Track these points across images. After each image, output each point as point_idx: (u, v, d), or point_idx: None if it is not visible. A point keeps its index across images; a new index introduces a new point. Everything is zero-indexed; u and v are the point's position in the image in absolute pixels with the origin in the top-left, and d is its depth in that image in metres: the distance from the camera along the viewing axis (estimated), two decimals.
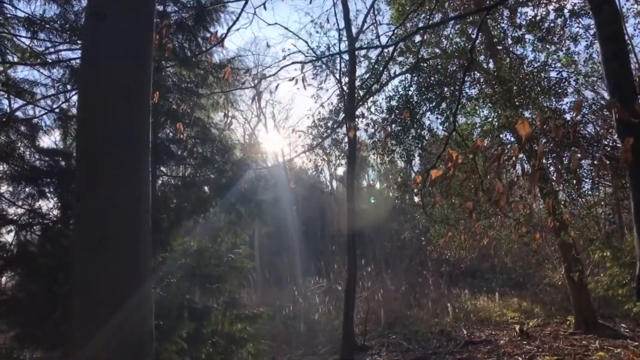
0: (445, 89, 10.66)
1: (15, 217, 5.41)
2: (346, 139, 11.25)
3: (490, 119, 10.65)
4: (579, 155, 8.55)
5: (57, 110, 5.81)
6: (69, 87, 6.03)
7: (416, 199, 14.79)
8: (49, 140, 6.99)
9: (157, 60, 6.23)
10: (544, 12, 9.90)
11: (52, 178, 5.68)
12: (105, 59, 1.94)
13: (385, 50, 9.04)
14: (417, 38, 11.11)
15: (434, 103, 10.63)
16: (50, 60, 5.89)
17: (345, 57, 10.54)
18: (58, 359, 5.37)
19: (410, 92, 10.87)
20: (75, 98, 5.99)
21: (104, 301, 1.79)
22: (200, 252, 6.83)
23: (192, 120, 6.42)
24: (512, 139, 11.21)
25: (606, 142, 9.98)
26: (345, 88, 8.45)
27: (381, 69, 8.86)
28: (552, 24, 9.88)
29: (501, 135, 10.52)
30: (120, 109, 1.92)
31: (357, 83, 11.24)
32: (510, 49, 11.18)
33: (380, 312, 12.32)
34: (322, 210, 29.34)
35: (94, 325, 1.77)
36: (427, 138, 10.60)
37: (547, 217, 8.18)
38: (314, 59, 8.70)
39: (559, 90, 10.03)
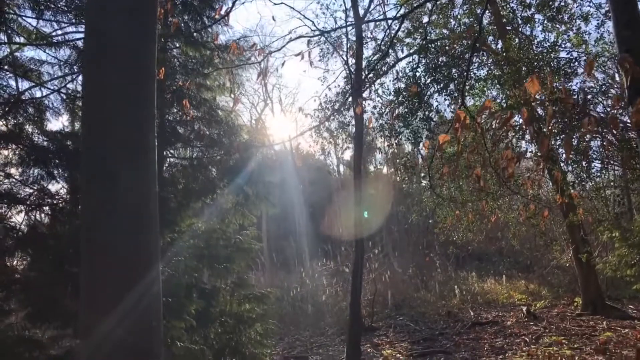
0: (454, 70, 10.54)
1: (25, 197, 5.44)
2: (353, 122, 11.19)
3: (499, 100, 10.54)
4: (589, 127, 8.43)
5: (63, 91, 5.80)
6: (75, 68, 6.02)
7: (424, 183, 14.79)
8: (58, 122, 7.01)
9: (163, 39, 6.20)
10: None
11: (61, 160, 5.70)
12: (109, 30, 1.91)
13: (393, 27, 8.93)
14: (425, 19, 10.98)
15: (441, 84, 10.53)
16: (56, 41, 5.88)
17: (352, 37, 10.41)
18: (69, 338, 5.46)
19: (417, 74, 10.77)
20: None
21: (112, 286, 1.77)
22: (208, 234, 6.86)
23: (199, 101, 6.40)
24: (521, 120, 11.13)
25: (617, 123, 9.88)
26: (352, 68, 8.39)
27: (388, 44, 8.76)
28: (562, 3, 9.71)
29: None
30: (125, 84, 1.89)
31: (364, 64, 11.16)
32: (520, 29, 11.02)
33: (387, 294, 12.39)
34: (329, 194, 29.36)
35: (103, 306, 1.76)
36: (435, 120, 10.52)
37: (556, 194, 8.12)
38: (321, 33, 8.62)
39: (569, 71, 9.89)
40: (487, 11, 10.11)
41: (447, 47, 10.79)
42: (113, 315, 1.72)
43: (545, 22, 10.14)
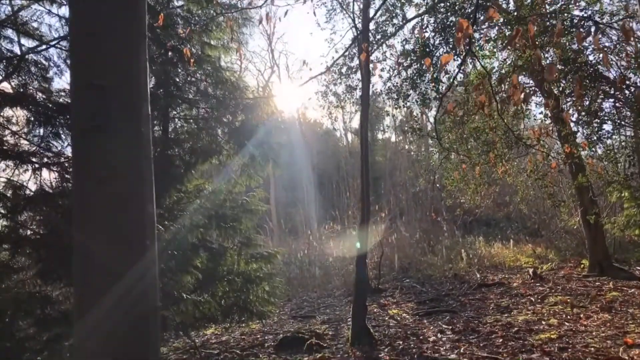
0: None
1: (32, 153, 5.48)
2: (360, 85, 11.01)
3: (509, 62, 10.30)
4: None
5: (65, 46, 5.75)
6: None
7: (432, 148, 14.67)
8: (61, 81, 6.99)
9: None
10: None
11: (66, 119, 5.70)
12: None
13: None
14: None
15: (451, 45, 10.29)
16: None
17: None
18: None
19: (426, 34, 10.52)
20: None
21: (103, 264, 1.63)
22: (214, 194, 6.90)
23: (202, 57, 6.32)
24: (531, 81, 10.92)
25: (629, 83, 9.67)
26: (358, 26, 8.20)
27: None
28: None
29: (519, 78, 10.22)
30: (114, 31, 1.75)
31: (372, 26, 10.92)
32: None
33: (394, 258, 12.49)
34: (337, 162, 29.34)
35: (94, 285, 1.63)
36: (443, 81, 10.33)
37: (564, 144, 8.01)
38: None
39: (582, 30, 9.60)
40: None
41: (456, 7, 10.50)
42: (105, 298, 1.60)
43: None
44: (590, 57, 9.45)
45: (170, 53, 6.61)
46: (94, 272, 1.56)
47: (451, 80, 9.70)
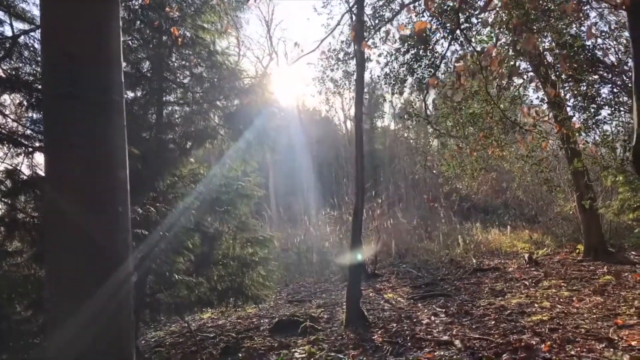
0: (460, 15, 10.20)
1: (25, 139, 5.48)
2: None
3: (506, 47, 10.24)
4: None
5: None
6: None
7: (430, 131, 14.62)
8: None
9: None
10: None
11: None
12: None
13: None
14: None
15: (448, 30, 10.23)
16: None
17: None
18: None
19: (423, 19, 10.45)
20: None
21: (74, 270, 1.59)
22: (209, 179, 6.90)
23: (194, 40, 6.29)
24: (529, 66, 10.87)
25: (626, 68, 9.63)
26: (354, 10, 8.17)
27: None
28: None
29: (517, 64, 10.18)
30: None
31: (369, 11, 10.86)
32: None
33: (391, 244, 12.53)
34: (336, 151, 29.33)
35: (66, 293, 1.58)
36: (440, 67, 10.29)
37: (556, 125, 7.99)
38: None
39: (580, 15, 9.54)
40: None
41: None
42: (85, 311, 1.56)
43: None
44: (588, 42, 9.41)
45: (165, 37, 6.59)
46: (67, 239, 1.56)
47: (440, 58, 9.68)
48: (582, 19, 9.37)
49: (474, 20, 10.23)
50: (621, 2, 1.79)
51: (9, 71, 5.68)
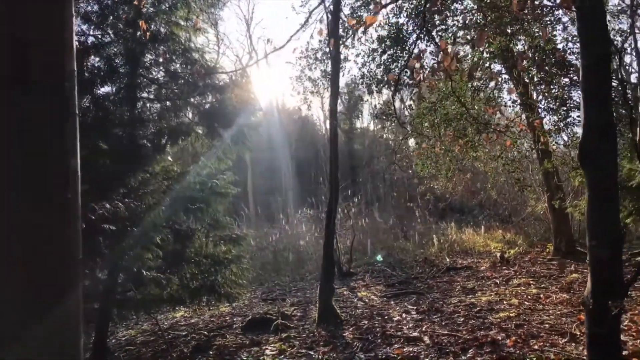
0: (436, 17, 10.35)
1: None
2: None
3: (480, 49, 10.41)
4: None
5: None
6: None
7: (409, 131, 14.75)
8: None
9: None
10: None
11: None
12: None
13: None
14: None
15: (424, 31, 10.35)
16: None
17: None
18: None
19: (400, 20, 10.57)
20: None
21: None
22: (182, 176, 6.84)
23: (166, 34, 6.23)
24: (503, 69, 11.07)
25: None
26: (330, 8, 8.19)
27: None
28: None
29: (492, 66, 10.37)
30: None
31: (347, 11, 10.92)
32: None
33: (367, 243, 12.62)
34: (315, 151, 29.39)
35: None
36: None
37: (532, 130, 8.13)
38: None
39: (553, 18, 9.77)
40: None
41: None
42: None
43: None
44: (559, 46, 9.63)
45: (138, 33, 6.50)
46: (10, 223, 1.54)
47: (409, 55, 9.78)
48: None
49: (449, 22, 10.40)
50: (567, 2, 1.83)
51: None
